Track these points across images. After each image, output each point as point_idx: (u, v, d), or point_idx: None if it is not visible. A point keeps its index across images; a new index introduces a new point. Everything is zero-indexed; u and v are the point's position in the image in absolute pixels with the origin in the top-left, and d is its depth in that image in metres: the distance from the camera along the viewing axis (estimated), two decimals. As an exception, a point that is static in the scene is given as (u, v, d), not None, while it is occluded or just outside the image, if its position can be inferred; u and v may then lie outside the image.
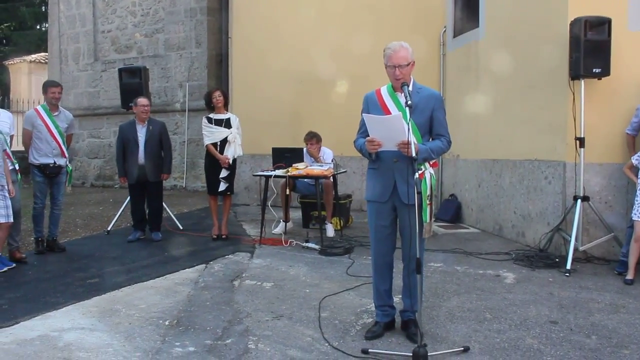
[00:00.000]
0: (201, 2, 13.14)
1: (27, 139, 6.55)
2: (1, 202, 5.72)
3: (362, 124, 3.96)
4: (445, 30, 9.06)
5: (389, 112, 3.81)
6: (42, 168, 6.51)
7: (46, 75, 21.26)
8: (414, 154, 3.47)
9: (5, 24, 27.99)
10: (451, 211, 8.52)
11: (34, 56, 22.65)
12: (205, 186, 12.94)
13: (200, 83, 13.17)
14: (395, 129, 3.60)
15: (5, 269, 5.79)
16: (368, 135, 3.81)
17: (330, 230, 7.38)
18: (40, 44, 27.25)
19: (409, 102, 3.53)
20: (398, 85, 3.80)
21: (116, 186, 14.28)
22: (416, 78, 3.93)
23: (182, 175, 13.34)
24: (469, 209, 8.32)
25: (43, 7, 29.49)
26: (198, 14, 13.21)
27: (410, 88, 3.74)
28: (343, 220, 7.77)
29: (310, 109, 9.78)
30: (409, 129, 3.49)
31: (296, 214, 8.40)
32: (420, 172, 3.70)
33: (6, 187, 5.72)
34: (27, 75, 21.87)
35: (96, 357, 3.63)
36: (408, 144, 3.50)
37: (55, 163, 6.54)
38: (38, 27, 29.79)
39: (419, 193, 3.43)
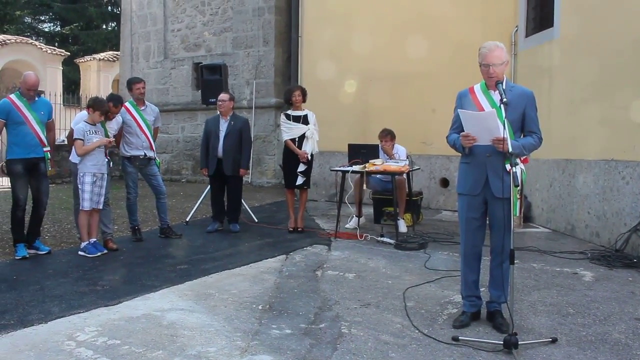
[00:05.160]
0: (269, 2, 13.44)
1: (118, 134, 6.92)
2: (97, 189, 6.14)
3: (455, 120, 4.12)
4: (517, 30, 9.07)
5: (482, 109, 3.96)
6: (132, 160, 6.88)
7: (114, 73, 22.11)
8: (510, 149, 3.61)
9: (74, 24, 29.14)
10: (522, 210, 8.52)
11: (103, 54, 23.50)
12: (270, 182, 13.47)
13: (267, 81, 13.50)
14: (490, 125, 3.76)
15: (99, 253, 6.16)
16: (461, 131, 3.97)
17: (402, 226, 7.50)
18: (106, 42, 28.30)
19: (505, 100, 3.67)
20: (491, 83, 3.94)
21: (183, 180, 14.79)
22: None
23: (248, 171, 13.66)
24: (539, 209, 8.31)
25: (109, 7, 30.64)
26: (266, 13, 13.52)
27: (504, 86, 3.87)
28: (414, 217, 7.90)
29: (380, 108, 9.94)
30: (504, 126, 3.63)
31: (366, 210, 8.55)
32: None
33: (105, 175, 6.15)
34: (96, 72, 22.71)
35: (200, 336, 3.88)
36: (503, 140, 3.65)
37: (145, 155, 6.91)
38: (104, 26, 30.92)
39: (517, 186, 3.57)
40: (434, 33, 9.54)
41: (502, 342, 3.60)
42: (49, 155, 6.11)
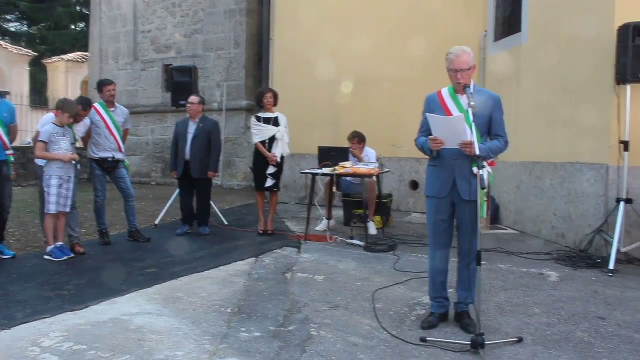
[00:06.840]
0: (240, 4, 13.42)
1: (86, 135, 6.83)
2: (64, 192, 6.05)
3: (424, 124, 4.16)
4: (486, 35, 9.20)
5: (450, 113, 4.01)
6: (100, 162, 6.80)
7: (83, 74, 21.82)
8: (477, 153, 3.66)
9: (42, 24, 28.67)
10: (489, 212, 8.63)
11: (71, 55, 23.18)
12: (240, 184, 13.41)
13: (238, 83, 13.46)
14: (458, 129, 3.81)
15: (65, 257, 6.05)
16: (430, 134, 4.01)
17: (372, 229, 7.54)
18: (74, 43, 27.89)
19: (472, 104, 3.71)
20: (459, 88, 4.00)
21: (152, 183, 14.65)
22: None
23: (218, 174, 13.60)
24: (507, 211, 8.44)
25: (78, 7, 30.20)
26: (237, 15, 13.49)
27: (472, 90, 3.92)
28: (384, 219, 7.94)
29: (351, 111, 9.98)
30: (472, 129, 3.68)
31: (336, 213, 8.57)
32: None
33: (72, 178, 6.07)
34: (64, 73, 22.39)
35: (169, 340, 3.84)
36: (471, 143, 3.69)
37: (113, 157, 6.83)
38: (73, 27, 30.46)
39: (484, 189, 3.62)
40: (404, 38, 9.61)
41: (469, 343, 3.64)
42: (12, 159, 6.00)
